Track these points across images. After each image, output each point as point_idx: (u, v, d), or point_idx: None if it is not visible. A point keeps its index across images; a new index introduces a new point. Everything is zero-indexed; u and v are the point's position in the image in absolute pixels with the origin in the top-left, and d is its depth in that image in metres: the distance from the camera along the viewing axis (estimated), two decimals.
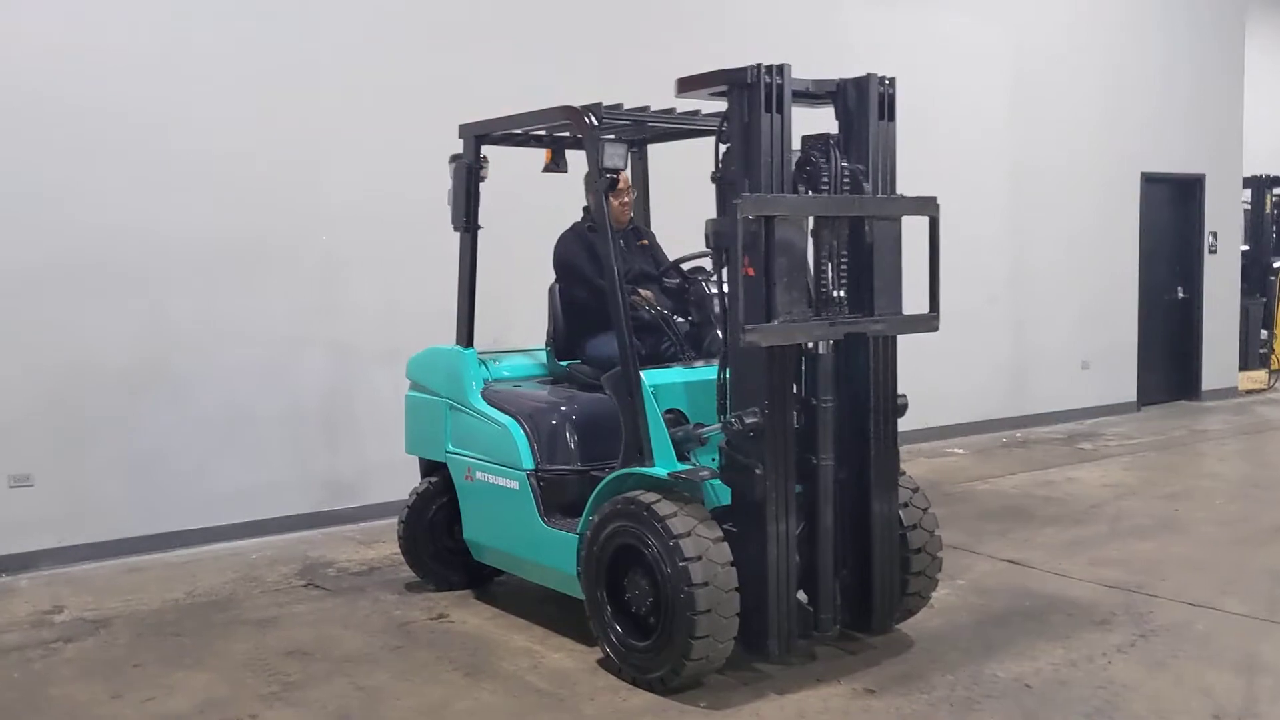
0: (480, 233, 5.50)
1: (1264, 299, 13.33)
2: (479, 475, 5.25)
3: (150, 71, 6.36)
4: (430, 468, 5.74)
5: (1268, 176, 14.09)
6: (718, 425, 4.33)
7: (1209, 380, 12.08)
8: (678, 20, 8.17)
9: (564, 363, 5.51)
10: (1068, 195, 10.59)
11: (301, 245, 6.88)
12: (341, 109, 6.94)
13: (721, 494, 4.39)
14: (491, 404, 5.25)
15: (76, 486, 6.28)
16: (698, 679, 4.27)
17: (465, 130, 5.39)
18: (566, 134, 5.48)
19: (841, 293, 4.29)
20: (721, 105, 4.27)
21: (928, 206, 4.42)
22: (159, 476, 6.49)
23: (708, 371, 4.84)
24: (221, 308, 6.63)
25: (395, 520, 6.88)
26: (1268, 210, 14.09)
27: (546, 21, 7.64)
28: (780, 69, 4.14)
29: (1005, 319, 10.27)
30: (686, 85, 4.29)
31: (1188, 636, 4.82)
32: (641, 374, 4.49)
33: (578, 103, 4.75)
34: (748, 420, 4.13)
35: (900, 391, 4.56)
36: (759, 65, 4.11)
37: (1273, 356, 13.31)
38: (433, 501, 5.62)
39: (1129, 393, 11.37)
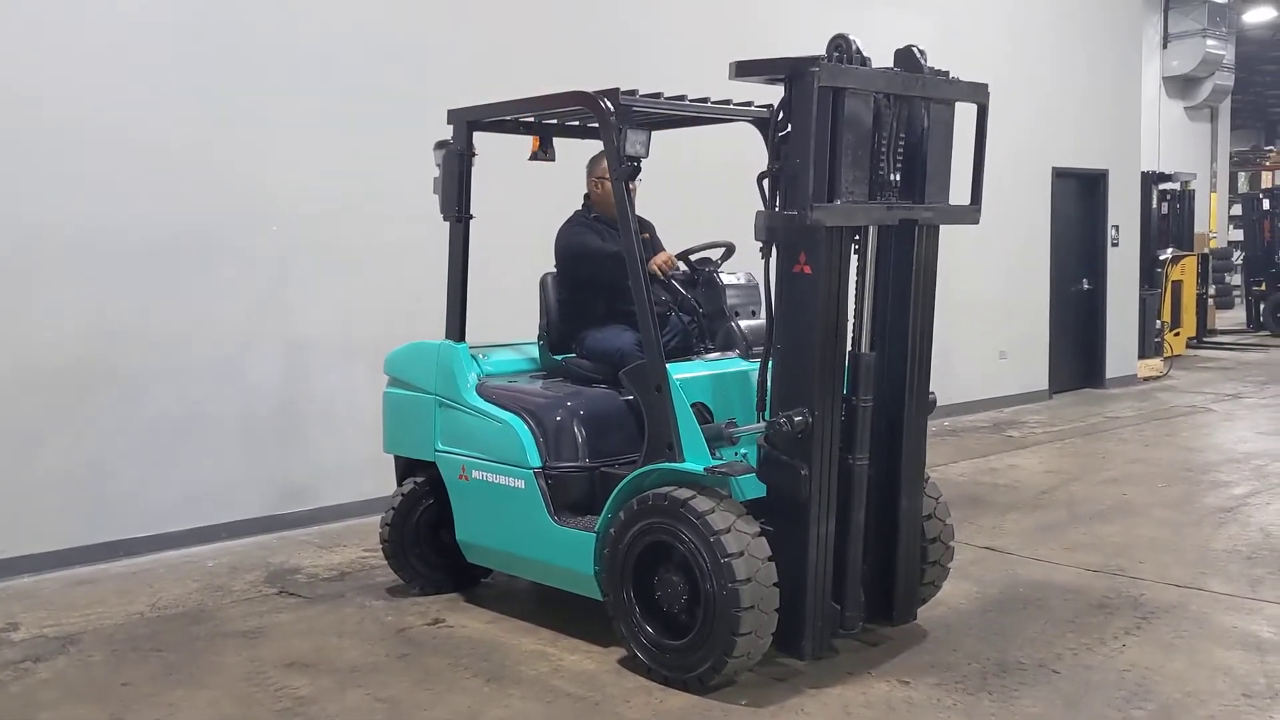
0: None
1: (1156, 290, 13.93)
2: (476, 474, 5.06)
3: (93, 57, 5.96)
4: (411, 467, 5.52)
5: (1155, 173, 14.74)
6: (759, 424, 4.26)
7: (1111, 368, 12.56)
8: (596, 10, 8.03)
9: (559, 356, 5.36)
10: (987, 188, 10.77)
11: (251, 240, 6.53)
12: (291, 98, 6.63)
13: (746, 488, 4.32)
14: (489, 400, 5.07)
15: (17, 494, 5.84)
16: (735, 677, 4.20)
17: (455, 115, 5.19)
18: (555, 121, 5.35)
19: (896, 177, 4.26)
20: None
21: (979, 93, 4.48)
22: (105, 482, 6.10)
23: (730, 364, 4.79)
24: (170, 304, 6.25)
25: (352, 522, 6.81)
26: (1155, 205, 14.75)
27: (504, 12, 7.46)
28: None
29: None
30: (744, 70, 4.12)
31: (1185, 617, 4.96)
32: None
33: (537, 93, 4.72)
34: (797, 420, 4.06)
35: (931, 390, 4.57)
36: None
37: (1165, 345, 13.92)
38: (419, 502, 5.40)
39: (1041, 381, 11.71)
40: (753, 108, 5.00)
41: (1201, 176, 18.96)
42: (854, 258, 4.29)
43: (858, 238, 4.29)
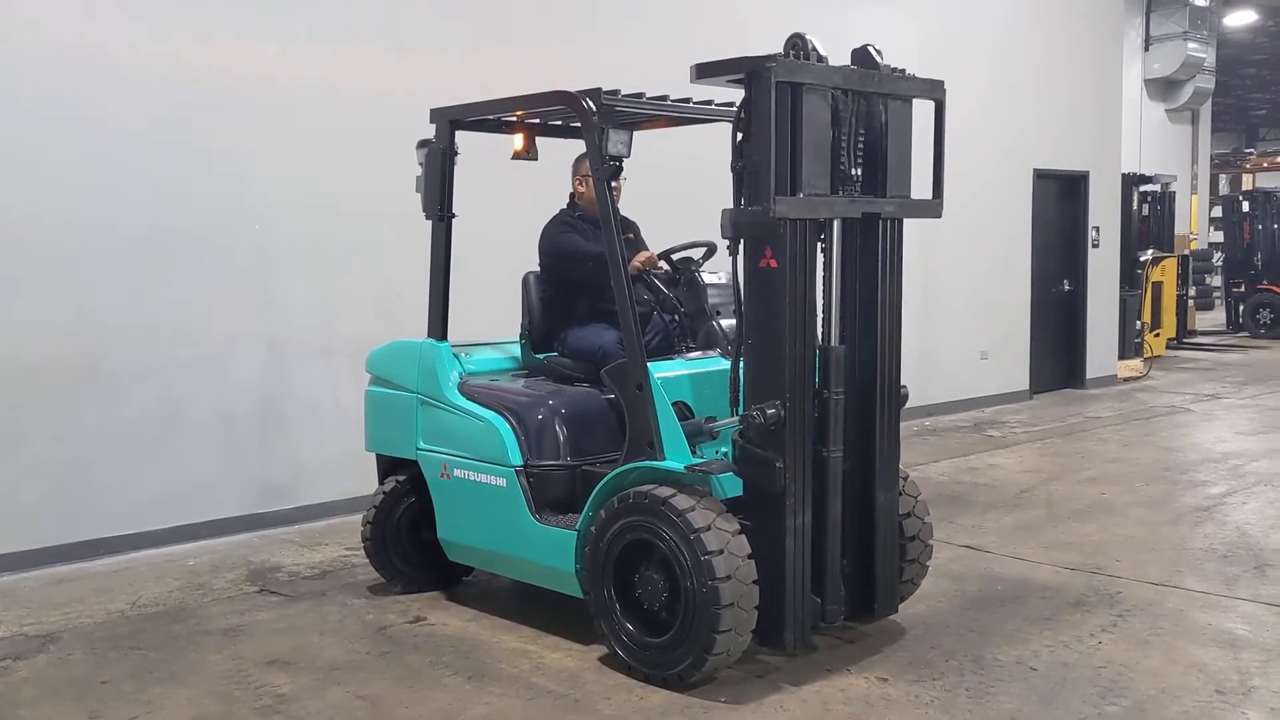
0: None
1: (1136, 291, 14.02)
2: (457, 473, 5.07)
3: (75, 52, 5.95)
4: (393, 466, 5.53)
5: (1136, 175, 14.84)
6: (733, 419, 4.28)
7: (1092, 369, 12.64)
8: (580, 10, 8.05)
9: (541, 355, 5.38)
10: (968, 190, 10.85)
11: (234, 237, 6.53)
12: (275, 96, 6.62)
13: (727, 486, 4.34)
14: (471, 399, 5.08)
15: None
16: (714, 674, 4.22)
17: (438, 115, 5.20)
18: (537, 120, 5.36)
19: (858, 171, 4.31)
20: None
21: (936, 90, 4.53)
22: (85, 479, 6.08)
23: (710, 363, 4.81)
24: (151, 302, 6.24)
25: (333, 521, 6.81)
26: (1135, 207, 14.85)
27: (488, 12, 7.47)
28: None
29: (912, 311, 10.44)
30: (704, 72, 4.19)
31: (1162, 615, 5.00)
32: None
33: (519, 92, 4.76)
34: (769, 413, 4.09)
35: (902, 383, 4.62)
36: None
37: (1145, 345, 14.01)
38: (401, 501, 5.41)
39: (1022, 381, 11.78)
40: (734, 109, 5.00)
41: (1182, 178, 19.05)
42: (820, 253, 4.34)
43: (824, 235, 4.35)
